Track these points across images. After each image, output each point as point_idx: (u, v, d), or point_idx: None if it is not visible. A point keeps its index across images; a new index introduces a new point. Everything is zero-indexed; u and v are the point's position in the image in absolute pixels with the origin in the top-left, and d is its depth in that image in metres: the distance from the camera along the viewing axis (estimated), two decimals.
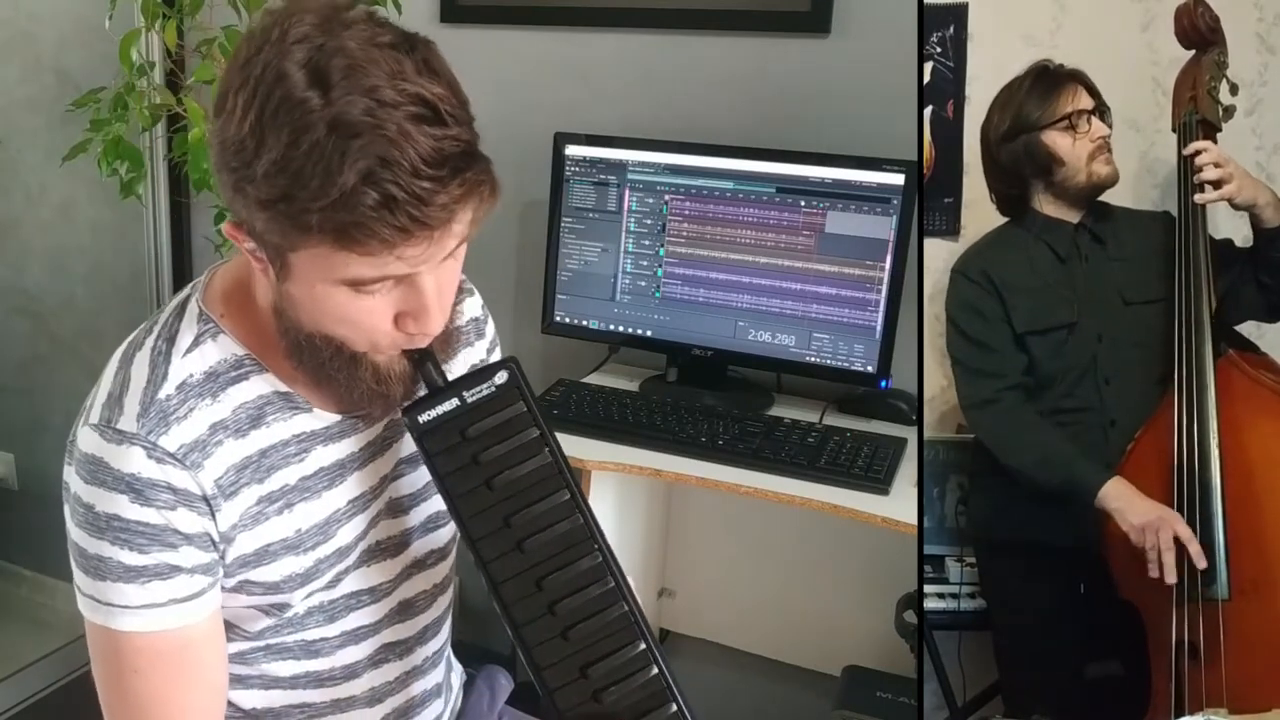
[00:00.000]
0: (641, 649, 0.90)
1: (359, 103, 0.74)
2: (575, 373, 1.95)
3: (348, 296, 0.82)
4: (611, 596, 0.91)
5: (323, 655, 1.03)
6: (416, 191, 0.75)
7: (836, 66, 1.81)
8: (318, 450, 0.96)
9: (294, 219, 0.76)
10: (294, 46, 0.76)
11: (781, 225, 1.75)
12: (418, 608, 1.09)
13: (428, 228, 0.77)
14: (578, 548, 0.91)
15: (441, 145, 0.76)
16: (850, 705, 1.79)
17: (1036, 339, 1.60)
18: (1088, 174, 1.60)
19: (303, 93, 0.75)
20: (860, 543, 1.84)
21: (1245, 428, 1.45)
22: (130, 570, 0.87)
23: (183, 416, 0.88)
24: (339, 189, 0.74)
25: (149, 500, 0.86)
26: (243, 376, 0.93)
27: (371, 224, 0.75)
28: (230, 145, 0.78)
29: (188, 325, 0.93)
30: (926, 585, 1.77)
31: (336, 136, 0.74)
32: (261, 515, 0.93)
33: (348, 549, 1.00)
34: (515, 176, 2.02)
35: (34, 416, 2.63)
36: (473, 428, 0.91)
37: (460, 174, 0.77)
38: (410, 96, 0.75)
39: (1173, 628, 1.43)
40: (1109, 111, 1.63)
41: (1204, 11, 1.57)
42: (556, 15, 1.98)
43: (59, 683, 2.31)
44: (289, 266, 0.82)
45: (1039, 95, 1.60)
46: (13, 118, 2.49)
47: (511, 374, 0.93)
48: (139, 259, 2.43)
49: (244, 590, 0.95)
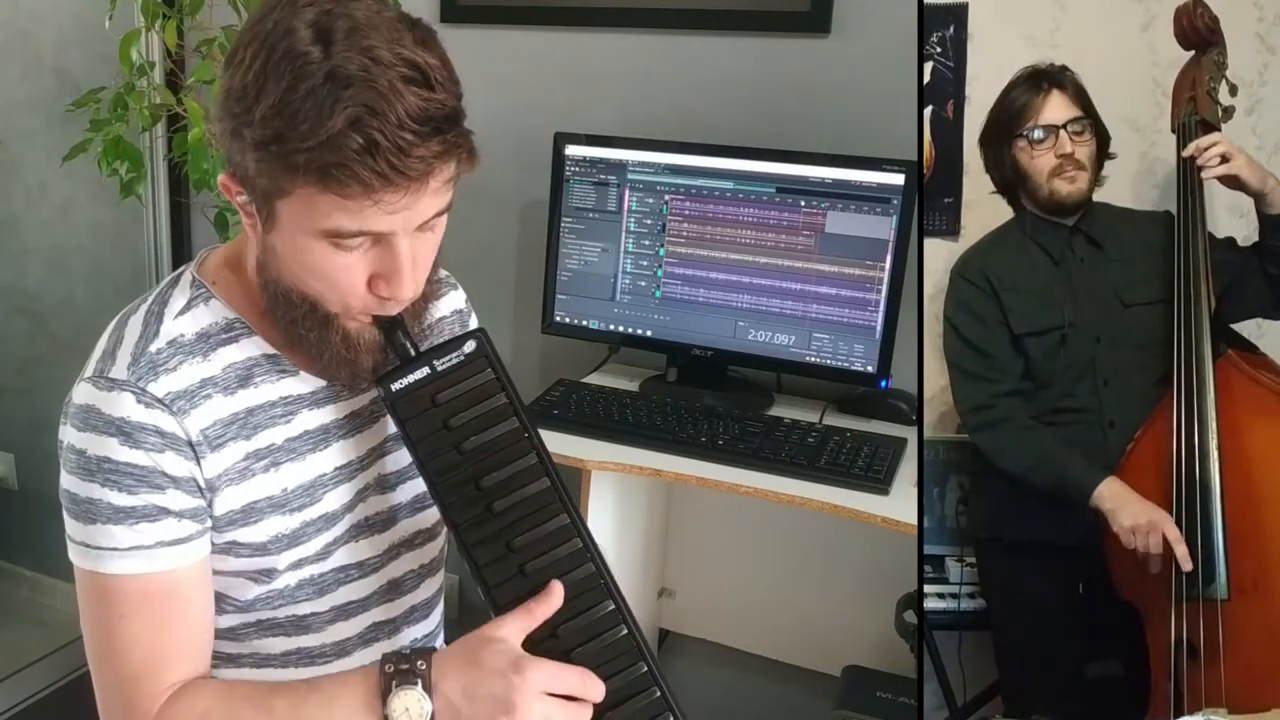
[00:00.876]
0: (611, 609, 0.92)
1: (356, 59, 0.80)
2: (575, 373, 1.95)
3: (326, 250, 0.86)
4: (579, 557, 0.93)
5: (313, 631, 1.04)
6: (398, 141, 0.80)
7: (836, 66, 1.81)
8: (304, 413, 1.00)
9: (284, 159, 0.81)
10: (305, 8, 0.82)
11: (781, 225, 1.75)
12: (405, 587, 1.11)
13: (405, 177, 0.81)
14: (546, 509, 0.93)
15: (427, 106, 0.81)
16: (850, 705, 1.79)
17: (1033, 340, 1.60)
18: (1049, 190, 1.59)
19: (306, 46, 0.81)
20: (860, 543, 1.84)
21: (1245, 428, 1.45)
22: (119, 511, 0.91)
23: (172, 368, 0.93)
24: (327, 131, 0.79)
25: (138, 442, 0.90)
26: (233, 339, 0.97)
27: (353, 165, 0.80)
28: (234, 92, 0.83)
29: (180, 291, 0.98)
30: (926, 585, 1.78)
31: (331, 85, 0.79)
32: (248, 471, 0.96)
33: (334, 516, 1.02)
34: (515, 176, 2.02)
35: (34, 416, 2.63)
36: (443, 394, 0.94)
37: (441, 134, 0.82)
38: (404, 60, 0.81)
39: (1172, 628, 1.43)
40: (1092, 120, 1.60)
41: (1203, 12, 1.57)
42: (556, 15, 1.98)
43: (59, 683, 2.31)
44: (275, 216, 0.86)
45: (1014, 103, 1.60)
46: (13, 118, 2.49)
47: (480, 343, 0.96)
48: (139, 259, 2.43)
49: (232, 552, 0.97)
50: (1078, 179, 1.59)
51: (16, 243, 2.59)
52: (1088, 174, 1.59)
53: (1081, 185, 1.59)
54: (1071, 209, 1.61)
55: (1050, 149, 1.58)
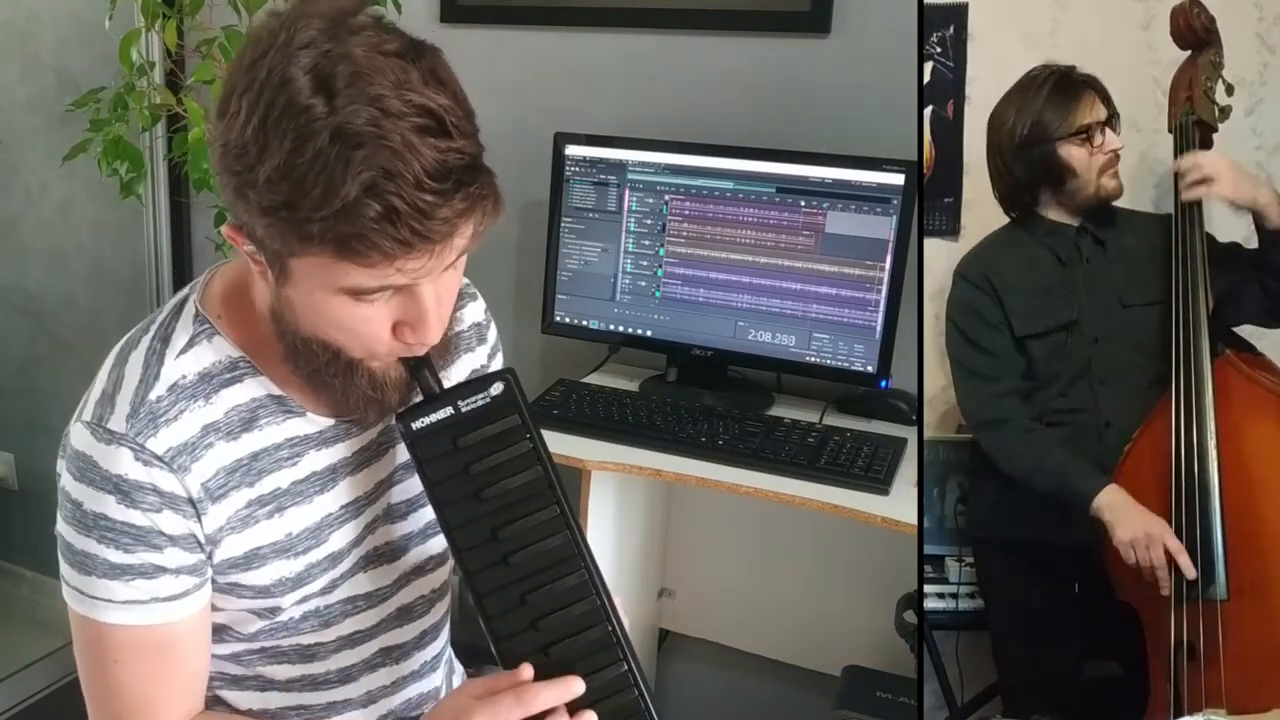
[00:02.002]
0: (623, 670, 0.90)
1: (363, 112, 0.73)
2: (575, 373, 1.95)
3: (346, 305, 0.82)
4: (595, 616, 0.90)
5: (318, 659, 1.03)
6: (419, 204, 0.74)
7: (836, 66, 1.81)
8: (310, 454, 0.96)
9: (295, 227, 0.76)
10: (299, 51, 0.75)
11: (781, 225, 1.75)
12: (416, 612, 1.09)
13: (429, 241, 0.76)
14: (564, 564, 0.90)
15: (445, 158, 0.75)
16: (850, 705, 1.79)
17: (1035, 342, 1.60)
18: (1097, 187, 1.60)
19: (307, 99, 0.74)
20: (860, 543, 1.84)
21: (1243, 428, 1.45)
22: (115, 568, 0.88)
23: (173, 418, 0.89)
24: (341, 199, 0.73)
25: (135, 502, 0.87)
26: (237, 379, 0.93)
27: (373, 236, 0.74)
28: (233, 149, 0.77)
29: (183, 326, 0.93)
30: (926, 585, 1.78)
31: (340, 146, 0.73)
32: (251, 518, 0.93)
33: (340, 554, 0.99)
34: (515, 176, 2.01)
35: (34, 416, 2.63)
36: (465, 437, 0.91)
37: (464, 187, 0.76)
38: (415, 107, 0.75)
39: (1171, 628, 1.43)
40: (1119, 120, 1.62)
41: (1199, 12, 1.57)
42: (556, 15, 1.98)
43: (59, 683, 2.31)
44: (288, 272, 0.82)
45: (1057, 104, 1.59)
46: (13, 118, 2.49)
47: (508, 385, 0.92)
48: (139, 259, 2.43)
49: (234, 593, 0.95)
50: (1118, 174, 1.61)
51: (16, 243, 2.59)
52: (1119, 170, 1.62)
53: (1120, 181, 1.62)
54: (1109, 203, 1.62)
55: (1100, 146, 1.59)
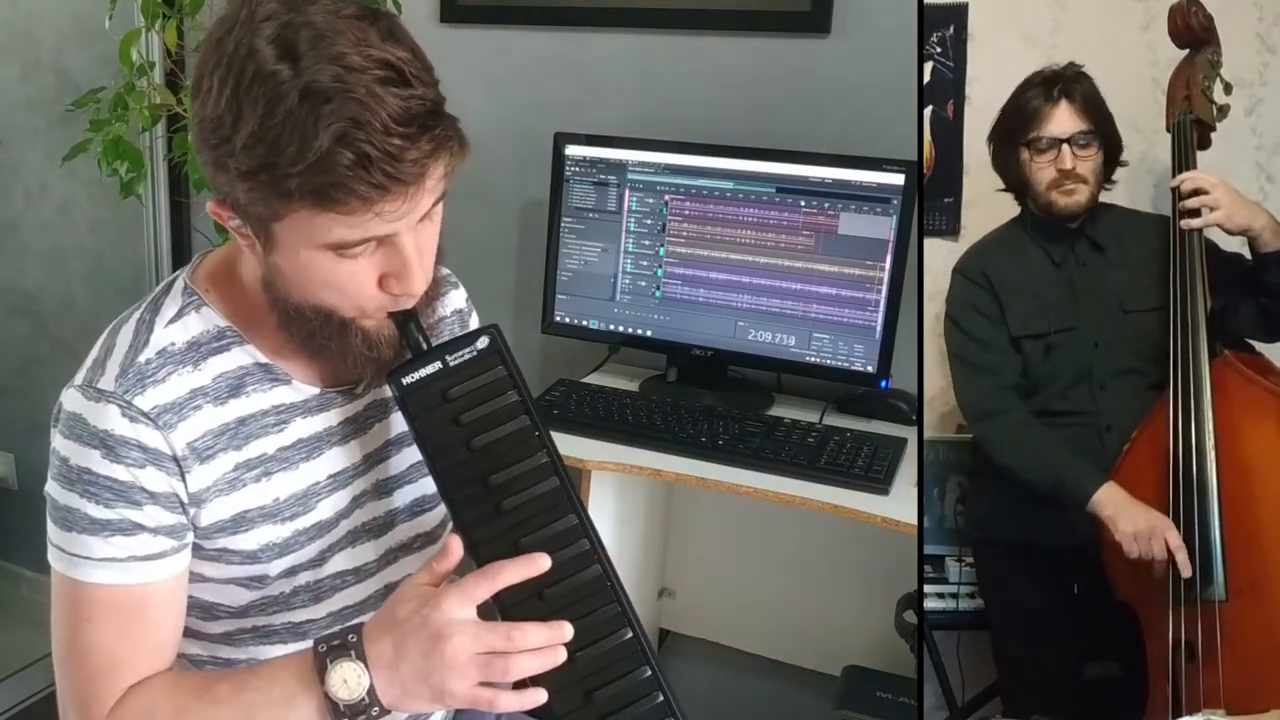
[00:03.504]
0: (616, 611, 0.91)
1: (327, 70, 0.78)
2: (575, 373, 1.95)
3: (332, 261, 0.85)
4: (587, 559, 0.92)
5: (310, 636, 1.04)
6: (389, 149, 0.78)
7: (836, 66, 1.81)
8: (297, 422, 0.99)
9: (275, 186, 0.79)
10: (262, 24, 0.80)
11: (781, 225, 1.75)
12: None
13: (403, 183, 0.80)
14: (554, 510, 0.93)
15: (409, 104, 0.79)
16: (850, 705, 1.79)
17: (1031, 343, 1.60)
18: (1048, 201, 1.60)
19: (273, 65, 0.78)
20: (860, 543, 1.84)
21: (1242, 428, 1.45)
22: (95, 523, 0.91)
23: (161, 380, 0.92)
24: (315, 152, 0.77)
25: (119, 457, 0.90)
26: (224, 347, 0.96)
27: (349, 183, 0.78)
28: (209, 123, 0.81)
29: (173, 299, 0.97)
30: (926, 585, 1.78)
31: (309, 103, 0.77)
32: (239, 481, 0.96)
33: (328, 524, 1.01)
34: (515, 176, 2.03)
35: (34, 416, 2.62)
36: (454, 389, 0.94)
37: (429, 130, 0.80)
38: (376, 61, 0.79)
39: (1170, 629, 1.43)
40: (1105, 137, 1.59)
41: (1197, 10, 1.57)
42: (556, 15, 1.98)
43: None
44: (274, 237, 0.85)
45: (1023, 107, 1.59)
46: (13, 118, 2.49)
47: (493, 339, 0.95)
48: (139, 259, 2.43)
49: (222, 559, 0.97)
50: (1077, 192, 1.58)
51: (16, 243, 2.59)
52: (1089, 187, 1.59)
53: (1080, 199, 1.59)
54: (1069, 220, 1.61)
55: (1051, 162, 1.57)
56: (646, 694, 0.91)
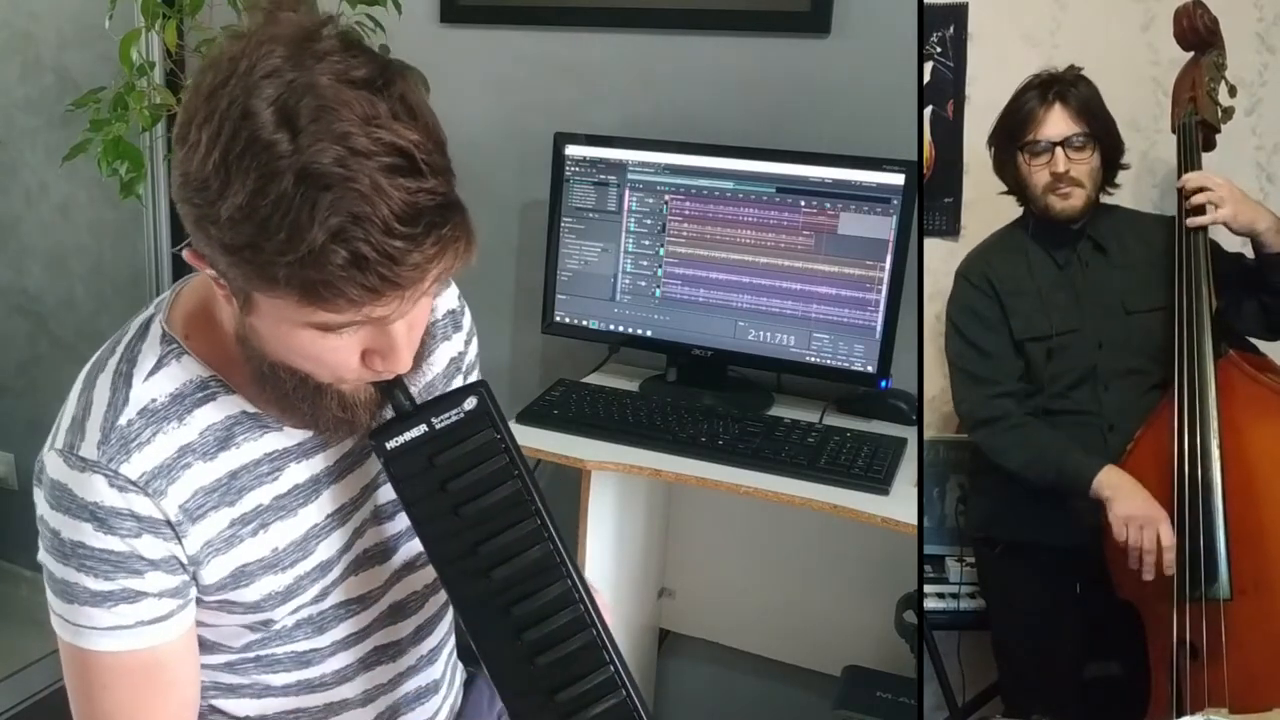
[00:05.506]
0: (610, 674, 0.90)
1: (330, 151, 0.70)
2: (575, 373, 1.95)
3: (314, 337, 0.79)
4: (579, 624, 0.90)
5: (314, 664, 1.02)
6: (388, 251, 0.71)
7: (836, 66, 1.80)
8: (291, 468, 0.95)
9: (259, 269, 0.73)
10: (262, 81, 0.72)
11: (781, 225, 1.75)
12: (409, 609, 1.08)
13: (398, 287, 0.74)
14: (546, 574, 0.90)
15: (416, 199, 0.72)
16: (850, 705, 1.79)
17: (1035, 345, 1.60)
18: (1045, 204, 1.60)
19: (270, 135, 0.71)
20: (860, 543, 1.84)
21: (1246, 428, 1.45)
22: (96, 595, 0.87)
23: (145, 441, 0.87)
24: (307, 245, 0.70)
25: (112, 529, 0.86)
26: (210, 398, 0.90)
27: (340, 284, 0.72)
28: (193, 181, 0.74)
29: (150, 347, 0.90)
30: (926, 585, 1.77)
31: (306, 188, 0.70)
32: (235, 538, 0.92)
33: (330, 563, 0.99)
34: (515, 176, 2.02)
35: (34, 416, 2.63)
36: (441, 455, 0.89)
37: (435, 230, 0.73)
38: (384, 145, 0.72)
39: (1173, 627, 1.43)
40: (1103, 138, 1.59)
41: (1203, 13, 1.57)
42: (556, 15, 1.98)
43: (59, 683, 2.28)
44: (254, 303, 0.80)
45: (1020, 109, 1.59)
46: (13, 118, 2.49)
47: (481, 399, 0.90)
48: (139, 259, 2.43)
49: (225, 609, 0.95)
50: (1072, 195, 1.58)
51: (16, 243, 2.59)
52: (1085, 190, 1.59)
53: (1076, 202, 1.58)
54: (1065, 223, 1.61)
55: (1046, 165, 1.57)
56: None
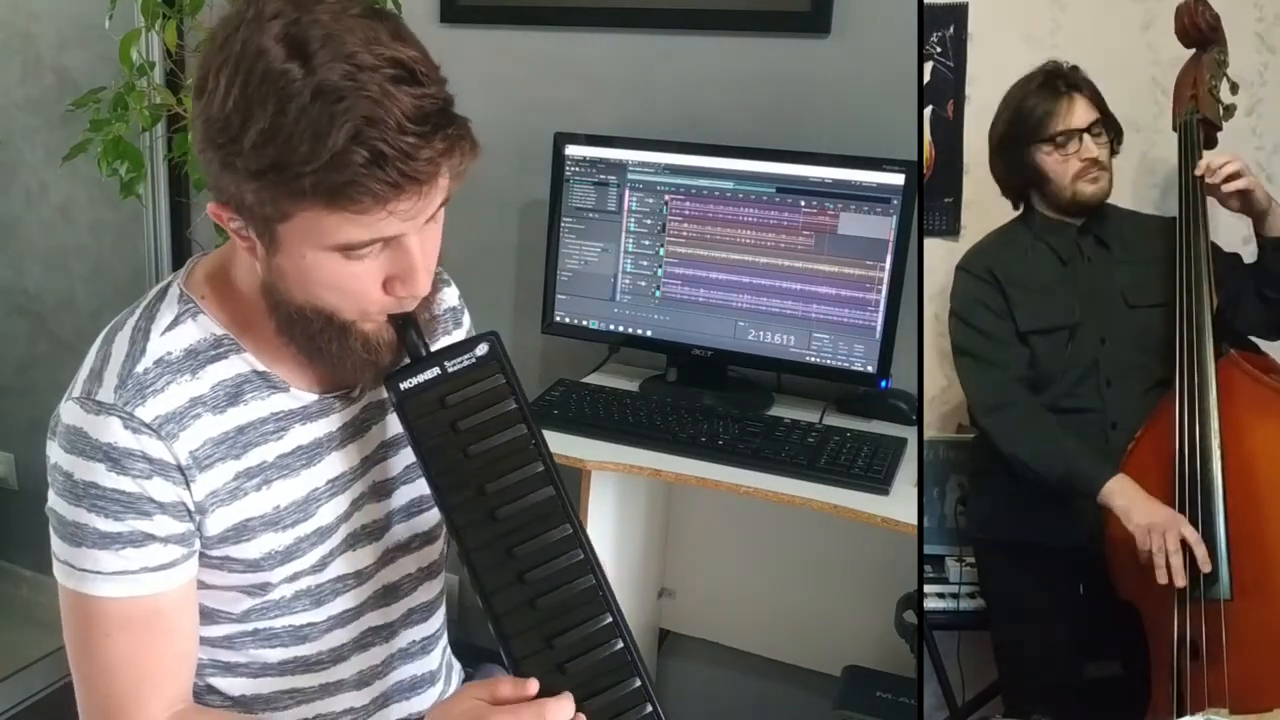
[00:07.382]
0: (608, 622, 0.91)
1: (339, 68, 0.78)
2: (575, 373, 1.95)
3: (338, 263, 0.85)
4: (580, 569, 0.92)
5: (310, 640, 1.04)
6: (404, 147, 0.78)
7: (836, 66, 1.80)
8: (296, 429, 0.99)
9: (286, 185, 0.79)
10: (270, 22, 0.79)
11: (781, 225, 1.75)
12: (401, 591, 1.10)
13: (417, 181, 0.80)
14: (549, 519, 0.92)
15: (421, 103, 0.79)
16: (850, 705, 1.79)
17: (1038, 338, 1.60)
18: (1073, 192, 1.61)
19: (283, 64, 0.78)
20: (860, 543, 1.84)
21: (1247, 427, 1.45)
22: (105, 536, 0.90)
23: (160, 389, 0.91)
24: (330, 150, 0.77)
25: (125, 469, 0.89)
26: (221, 355, 0.96)
27: (364, 181, 0.78)
28: (215, 122, 0.80)
29: (168, 306, 0.96)
30: (926, 585, 1.77)
31: (322, 101, 0.77)
32: (239, 490, 0.95)
33: (329, 529, 1.01)
34: (515, 176, 2.02)
35: (34, 416, 2.61)
36: (452, 396, 0.93)
37: (442, 129, 0.80)
38: (387, 59, 0.79)
39: (1174, 628, 1.43)
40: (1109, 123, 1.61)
41: (1204, 10, 1.57)
42: (556, 15, 1.98)
43: (59, 683, 2.30)
44: (278, 239, 0.85)
45: (1033, 107, 1.60)
46: (13, 118, 2.49)
47: (492, 346, 0.95)
48: (139, 259, 2.43)
49: (225, 567, 0.97)
50: (1100, 179, 1.61)
51: (16, 243, 2.59)
52: (1108, 174, 1.62)
53: (1104, 185, 1.61)
54: (1093, 209, 1.62)
55: (1075, 153, 1.59)
56: (635, 705, 0.90)
